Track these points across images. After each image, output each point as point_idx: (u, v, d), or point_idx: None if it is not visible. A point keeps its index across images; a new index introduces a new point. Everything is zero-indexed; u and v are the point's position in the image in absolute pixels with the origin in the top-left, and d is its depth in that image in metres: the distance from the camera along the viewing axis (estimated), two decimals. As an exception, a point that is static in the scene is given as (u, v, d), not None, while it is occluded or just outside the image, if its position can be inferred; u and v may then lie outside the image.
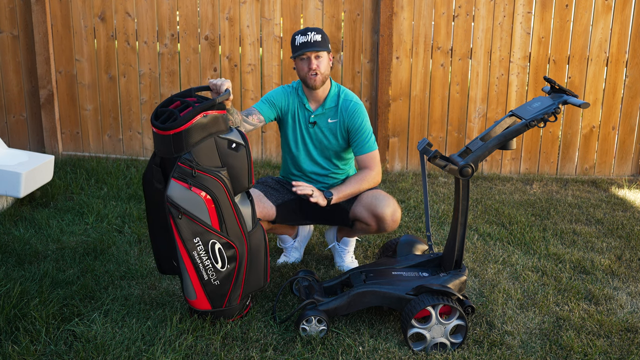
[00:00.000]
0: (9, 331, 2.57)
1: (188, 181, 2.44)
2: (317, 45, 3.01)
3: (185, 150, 2.44)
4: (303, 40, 3.02)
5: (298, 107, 3.16)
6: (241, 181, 2.57)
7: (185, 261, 2.54)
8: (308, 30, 3.04)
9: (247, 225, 2.63)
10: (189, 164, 2.43)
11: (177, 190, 2.44)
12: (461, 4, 4.98)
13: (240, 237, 2.59)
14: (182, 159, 2.44)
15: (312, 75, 3.04)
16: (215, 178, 2.47)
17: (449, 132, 5.21)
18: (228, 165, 2.52)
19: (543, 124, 2.56)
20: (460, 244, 2.74)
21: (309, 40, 3.01)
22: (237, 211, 2.56)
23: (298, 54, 3.02)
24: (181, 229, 2.47)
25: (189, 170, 2.43)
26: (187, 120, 2.40)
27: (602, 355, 2.56)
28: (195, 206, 2.46)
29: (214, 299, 2.64)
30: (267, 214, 3.07)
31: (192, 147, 2.44)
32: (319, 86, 3.08)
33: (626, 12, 4.96)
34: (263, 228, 2.72)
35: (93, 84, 5.21)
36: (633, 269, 3.41)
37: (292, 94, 3.18)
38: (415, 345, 2.57)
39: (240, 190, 2.60)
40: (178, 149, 2.43)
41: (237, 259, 2.60)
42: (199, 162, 2.45)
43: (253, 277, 2.70)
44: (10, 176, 3.77)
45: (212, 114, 2.48)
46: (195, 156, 2.45)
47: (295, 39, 3.05)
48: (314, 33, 3.02)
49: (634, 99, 5.11)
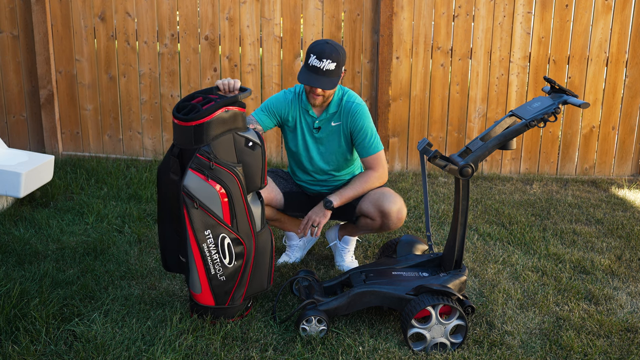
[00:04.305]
0: (9, 331, 2.57)
1: (205, 173, 2.50)
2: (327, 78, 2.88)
3: (204, 143, 2.50)
4: (316, 64, 2.86)
5: (301, 113, 3.11)
6: (254, 180, 2.62)
7: (194, 253, 2.58)
8: (324, 55, 2.85)
9: (257, 225, 2.67)
10: (207, 156, 2.49)
11: (194, 181, 2.50)
12: (461, 4, 4.98)
13: (249, 235, 2.62)
14: (201, 151, 2.50)
15: (314, 96, 2.99)
16: (231, 172, 2.53)
17: (449, 132, 5.21)
18: (244, 163, 2.58)
19: (543, 124, 2.56)
20: (460, 244, 2.74)
21: (322, 69, 2.87)
22: (249, 209, 2.61)
23: (304, 81, 2.91)
24: (194, 220, 2.52)
25: (206, 162, 2.49)
26: (209, 113, 2.48)
27: (602, 355, 2.57)
28: (209, 198, 2.51)
29: (218, 295, 2.66)
30: (275, 198, 3.10)
31: (211, 140, 2.51)
32: (319, 105, 3.05)
33: (626, 12, 4.96)
34: (270, 231, 2.75)
35: (93, 84, 5.21)
36: (633, 269, 3.41)
37: (294, 101, 3.11)
38: (415, 345, 2.57)
39: (253, 189, 2.64)
40: (198, 141, 2.50)
41: (245, 256, 2.63)
42: (216, 155, 2.51)
43: (257, 278, 2.72)
44: (10, 176, 3.77)
45: (233, 110, 2.54)
46: (214, 149, 2.51)
47: (309, 56, 2.89)
48: (329, 62, 2.85)
49: (634, 99, 5.11)
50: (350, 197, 3.06)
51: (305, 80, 2.91)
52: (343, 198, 3.03)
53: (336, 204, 3.01)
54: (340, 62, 2.91)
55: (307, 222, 3.01)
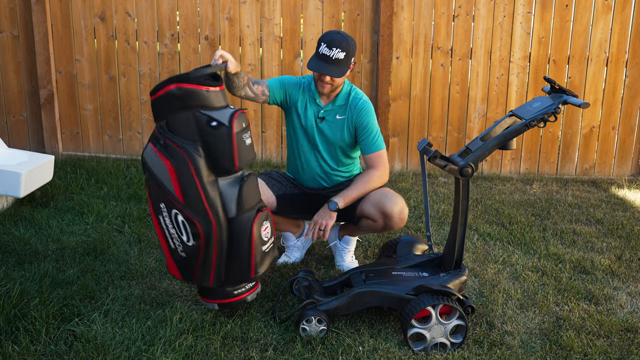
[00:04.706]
0: (9, 331, 2.57)
1: (157, 146, 2.50)
2: (335, 66, 2.94)
3: (161, 118, 2.51)
4: (325, 52, 2.92)
5: (308, 101, 3.15)
6: (221, 162, 2.50)
7: (154, 223, 2.60)
8: (335, 44, 2.91)
9: (228, 209, 2.54)
10: (160, 130, 2.51)
11: (149, 154, 2.52)
12: (461, 4, 4.98)
13: (206, 217, 2.50)
14: (157, 125, 2.54)
15: (322, 84, 3.03)
16: (181, 150, 2.44)
17: (449, 132, 5.21)
18: (205, 143, 2.47)
19: (543, 124, 2.56)
20: (460, 244, 2.74)
21: (331, 57, 2.92)
22: (204, 190, 2.48)
23: (313, 68, 2.96)
24: (151, 191, 2.54)
25: (158, 137, 2.50)
26: (157, 90, 2.49)
27: (602, 355, 2.57)
28: (161, 172, 2.49)
29: (183, 270, 2.63)
30: (267, 202, 3.09)
31: (167, 116, 2.49)
32: (327, 93, 3.09)
33: (626, 12, 4.96)
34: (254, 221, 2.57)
35: (93, 84, 5.21)
36: (633, 269, 3.41)
37: (305, 89, 3.16)
38: (415, 345, 2.57)
39: (223, 171, 2.53)
40: (156, 116, 2.54)
41: (202, 238, 2.51)
42: (174, 132, 2.48)
43: (235, 265, 2.60)
44: (10, 176, 3.77)
45: (186, 87, 2.45)
46: (171, 126, 2.49)
47: (320, 45, 2.95)
48: (339, 50, 2.91)
49: (634, 99, 5.11)
50: (354, 197, 3.06)
51: (314, 67, 2.96)
52: (347, 199, 3.03)
53: (341, 205, 3.01)
54: (350, 53, 2.96)
55: (313, 225, 3.01)
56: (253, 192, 2.62)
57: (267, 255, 2.67)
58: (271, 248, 2.70)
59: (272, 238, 2.69)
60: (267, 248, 2.66)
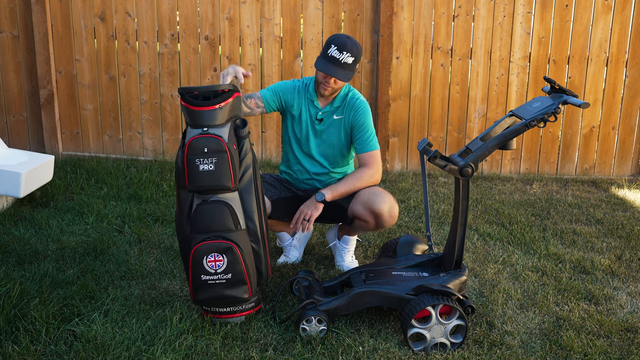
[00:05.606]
0: (9, 331, 2.57)
1: None
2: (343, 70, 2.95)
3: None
4: (335, 55, 2.93)
5: (306, 103, 3.16)
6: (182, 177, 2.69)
7: None
8: (346, 48, 2.93)
9: (187, 226, 2.69)
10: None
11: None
12: (461, 4, 4.98)
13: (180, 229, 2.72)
14: None
15: (325, 86, 3.04)
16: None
17: (449, 132, 5.21)
18: None
19: (543, 124, 2.56)
20: (460, 244, 2.74)
21: (340, 60, 2.93)
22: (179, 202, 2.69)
23: (321, 68, 2.96)
24: None
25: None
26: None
27: (602, 355, 2.57)
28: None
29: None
30: None
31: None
32: (327, 96, 3.10)
33: (626, 12, 4.96)
34: (195, 245, 2.60)
35: (93, 84, 5.21)
36: (633, 269, 3.41)
37: (301, 91, 3.16)
38: (415, 345, 2.57)
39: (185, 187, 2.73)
40: None
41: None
42: None
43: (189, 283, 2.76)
44: (10, 176, 3.77)
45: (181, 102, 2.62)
46: None
47: (330, 46, 2.95)
48: (348, 55, 2.93)
49: (634, 99, 5.11)
50: (342, 192, 3.05)
51: (323, 68, 2.96)
52: (335, 192, 3.03)
53: (328, 197, 3.00)
54: (357, 59, 2.99)
55: (298, 216, 3.00)
56: (209, 220, 2.57)
57: (211, 287, 2.61)
58: (220, 284, 2.61)
59: (224, 275, 2.60)
60: (211, 280, 2.60)
